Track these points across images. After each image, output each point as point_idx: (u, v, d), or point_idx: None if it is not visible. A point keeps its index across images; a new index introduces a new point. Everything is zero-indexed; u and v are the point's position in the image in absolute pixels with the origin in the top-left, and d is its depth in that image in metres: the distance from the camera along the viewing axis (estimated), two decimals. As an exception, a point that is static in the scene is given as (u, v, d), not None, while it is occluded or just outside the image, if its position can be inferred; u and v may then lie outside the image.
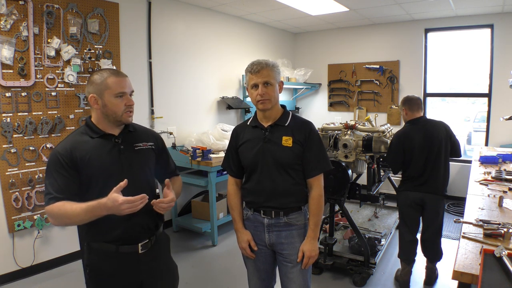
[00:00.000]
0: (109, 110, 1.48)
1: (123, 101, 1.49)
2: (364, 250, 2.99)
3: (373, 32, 5.53)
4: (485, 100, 4.98)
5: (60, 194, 1.39)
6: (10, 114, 2.88)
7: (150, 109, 4.00)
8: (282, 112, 1.81)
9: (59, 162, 1.43)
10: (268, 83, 1.69)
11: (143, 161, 1.59)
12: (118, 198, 1.29)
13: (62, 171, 1.42)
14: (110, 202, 1.30)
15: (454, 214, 4.59)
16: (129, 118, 1.53)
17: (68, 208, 1.35)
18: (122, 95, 1.49)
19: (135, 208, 1.33)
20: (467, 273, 1.38)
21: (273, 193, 1.75)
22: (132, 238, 1.53)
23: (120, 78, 1.49)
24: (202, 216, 4.09)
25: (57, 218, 1.39)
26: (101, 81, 1.47)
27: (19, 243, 3.02)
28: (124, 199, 1.29)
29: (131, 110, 1.53)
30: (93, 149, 1.48)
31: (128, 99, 1.51)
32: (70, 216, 1.35)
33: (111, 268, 1.52)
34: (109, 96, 1.47)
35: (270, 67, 1.70)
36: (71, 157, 1.43)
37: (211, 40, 4.71)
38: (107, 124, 1.52)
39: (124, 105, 1.49)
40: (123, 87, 1.49)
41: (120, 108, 1.49)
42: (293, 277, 1.78)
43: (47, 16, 3.00)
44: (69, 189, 1.41)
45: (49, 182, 1.42)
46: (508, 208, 2.12)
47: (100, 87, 1.47)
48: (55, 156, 1.44)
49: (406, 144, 2.81)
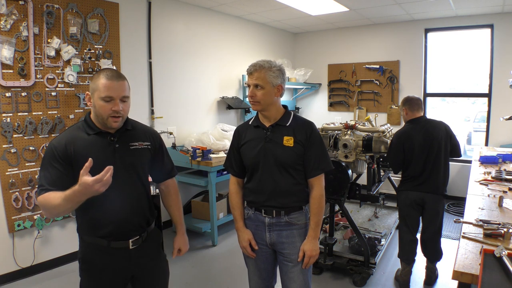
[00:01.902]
0: (97, 111, 1.49)
1: (110, 106, 1.45)
2: (364, 250, 2.99)
3: (373, 32, 5.53)
4: (485, 100, 4.98)
5: (51, 186, 1.41)
6: (10, 114, 2.88)
7: (150, 109, 4.00)
8: (283, 112, 1.81)
9: (53, 155, 1.46)
10: (258, 86, 1.69)
11: (137, 161, 1.60)
12: (87, 181, 1.27)
13: (55, 164, 1.45)
14: (82, 188, 1.28)
15: (454, 214, 4.59)
16: (115, 123, 1.49)
17: (51, 198, 1.38)
18: (109, 99, 1.45)
19: (107, 181, 1.30)
20: (467, 273, 1.38)
21: (275, 193, 1.76)
22: (123, 234, 1.56)
23: (112, 82, 1.45)
24: (202, 216, 4.08)
25: (44, 208, 1.42)
26: (95, 81, 1.48)
27: (19, 243, 3.02)
28: (93, 179, 1.26)
29: (117, 115, 1.48)
30: (88, 145, 1.49)
31: (115, 104, 1.46)
32: (53, 205, 1.37)
33: (103, 262, 1.55)
34: (97, 98, 1.47)
35: (265, 70, 1.69)
36: (65, 151, 1.46)
37: (211, 40, 4.71)
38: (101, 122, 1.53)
39: (111, 109, 1.45)
40: (110, 92, 1.44)
41: (105, 112, 1.46)
42: (294, 277, 1.78)
43: (47, 16, 3.00)
44: (62, 182, 1.42)
45: (43, 174, 1.45)
46: (508, 208, 2.12)
47: (93, 87, 1.49)
48: (50, 149, 1.47)
49: (407, 143, 2.81)
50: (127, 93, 1.51)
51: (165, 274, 1.79)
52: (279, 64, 1.76)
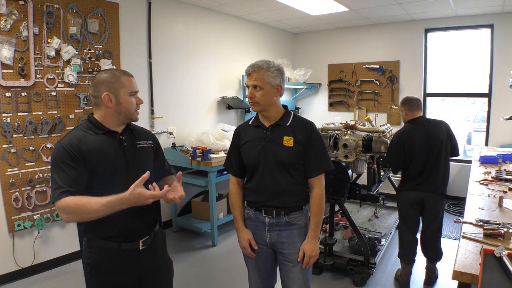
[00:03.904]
0: (123, 107, 1.51)
1: (135, 100, 1.56)
2: (364, 250, 2.99)
3: (373, 32, 5.53)
4: (485, 100, 4.98)
5: (72, 187, 1.36)
6: (10, 114, 2.88)
7: (150, 109, 4.00)
8: (283, 112, 1.81)
9: (67, 154, 1.39)
10: (257, 86, 1.70)
11: (144, 158, 1.61)
12: (144, 194, 1.32)
13: (72, 163, 1.39)
14: (135, 198, 1.31)
15: (454, 214, 4.59)
16: (138, 116, 1.60)
17: (86, 203, 1.33)
18: (135, 93, 1.56)
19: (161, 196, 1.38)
20: (467, 273, 1.38)
21: (275, 193, 1.76)
22: (133, 234, 1.55)
23: (131, 78, 1.57)
24: (202, 216, 4.08)
25: (73, 213, 1.35)
26: (116, 79, 1.50)
27: (19, 243, 3.02)
28: (150, 194, 1.33)
29: (139, 108, 1.60)
30: (99, 144, 1.48)
31: (138, 98, 1.59)
32: (89, 211, 1.33)
33: (112, 266, 1.52)
34: (124, 94, 1.51)
35: (264, 70, 1.69)
36: (79, 149, 1.42)
37: (211, 40, 4.71)
38: (115, 122, 1.53)
39: (136, 103, 1.56)
40: (135, 87, 1.56)
41: (133, 106, 1.55)
42: (294, 277, 1.78)
43: (47, 16, 3.00)
44: (80, 181, 1.39)
45: (58, 176, 1.37)
46: (508, 208, 2.12)
47: (115, 86, 1.49)
48: (62, 149, 1.40)
49: (407, 143, 2.81)
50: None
51: (170, 274, 1.78)
52: (277, 64, 1.76)
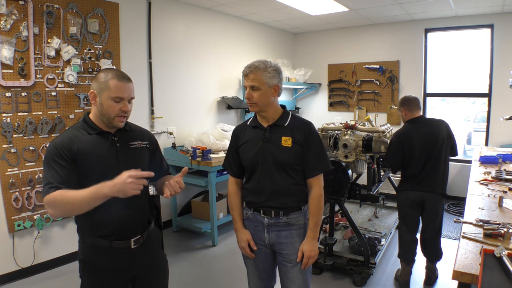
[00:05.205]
0: (104, 110, 1.50)
1: (119, 106, 1.50)
2: (364, 250, 2.99)
3: (373, 32, 5.53)
4: (485, 100, 4.98)
5: (61, 184, 1.39)
6: (10, 114, 2.88)
7: (150, 109, 4.00)
8: (281, 112, 1.81)
9: (59, 153, 1.44)
10: (254, 87, 1.69)
11: (138, 159, 1.61)
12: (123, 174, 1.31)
13: (62, 161, 1.43)
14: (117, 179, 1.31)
15: (454, 214, 4.59)
16: (120, 123, 1.54)
17: (70, 194, 1.35)
18: (119, 100, 1.49)
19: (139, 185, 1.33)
20: (467, 273, 1.38)
21: (273, 193, 1.75)
22: (124, 233, 1.57)
23: (122, 83, 1.50)
24: (202, 216, 4.08)
25: (59, 206, 1.37)
26: (104, 80, 1.49)
27: (19, 243, 3.02)
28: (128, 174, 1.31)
29: (124, 115, 1.53)
30: (91, 144, 1.50)
31: (124, 105, 1.51)
32: (74, 201, 1.34)
33: (104, 263, 1.55)
34: (107, 97, 1.48)
35: (261, 71, 1.68)
36: (70, 149, 1.45)
37: (211, 40, 4.71)
38: (104, 122, 1.54)
39: (119, 109, 1.50)
40: (122, 93, 1.49)
41: (114, 111, 1.49)
42: (293, 277, 1.78)
43: (47, 16, 3.00)
44: (70, 180, 1.42)
45: (50, 173, 1.42)
46: (508, 208, 2.12)
47: (101, 86, 1.49)
48: (54, 147, 1.45)
49: (406, 143, 2.80)
50: (134, 95, 1.57)
51: (165, 273, 1.79)
52: (274, 64, 1.74)
